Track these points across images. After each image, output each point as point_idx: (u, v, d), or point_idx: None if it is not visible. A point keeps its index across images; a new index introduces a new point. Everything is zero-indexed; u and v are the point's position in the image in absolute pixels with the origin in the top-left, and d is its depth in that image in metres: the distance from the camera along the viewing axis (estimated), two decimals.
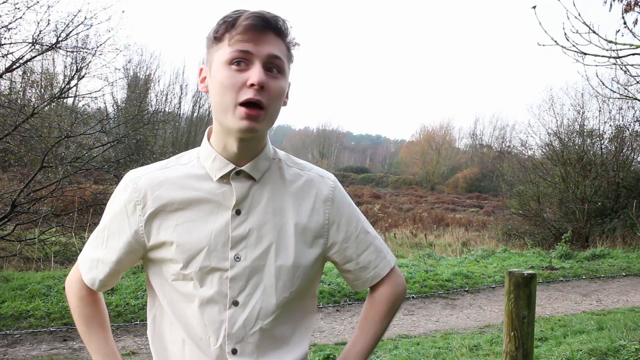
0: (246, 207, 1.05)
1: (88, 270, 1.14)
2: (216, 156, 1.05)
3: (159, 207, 1.05)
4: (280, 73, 1.01)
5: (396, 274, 1.21)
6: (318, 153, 53.04)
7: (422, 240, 14.10)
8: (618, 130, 13.93)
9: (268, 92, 0.98)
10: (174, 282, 1.06)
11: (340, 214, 1.13)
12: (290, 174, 1.12)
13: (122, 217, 1.08)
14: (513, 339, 1.89)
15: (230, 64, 0.98)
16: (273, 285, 1.05)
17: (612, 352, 3.94)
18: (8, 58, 8.04)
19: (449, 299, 6.72)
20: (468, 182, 38.67)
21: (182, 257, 1.04)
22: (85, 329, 1.15)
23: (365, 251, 1.16)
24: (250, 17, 0.97)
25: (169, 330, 1.10)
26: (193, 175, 1.07)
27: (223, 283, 1.04)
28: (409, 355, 4.32)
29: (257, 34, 0.98)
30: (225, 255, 1.04)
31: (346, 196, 1.17)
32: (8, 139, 7.86)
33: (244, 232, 1.05)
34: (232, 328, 1.04)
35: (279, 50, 1.00)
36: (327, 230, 1.12)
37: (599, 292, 7.26)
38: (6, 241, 8.27)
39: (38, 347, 4.50)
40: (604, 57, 4.21)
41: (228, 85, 0.97)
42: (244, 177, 1.06)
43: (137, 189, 1.07)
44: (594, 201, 12.90)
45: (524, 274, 1.88)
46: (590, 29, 4.00)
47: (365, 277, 1.17)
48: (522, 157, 16.57)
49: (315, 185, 1.12)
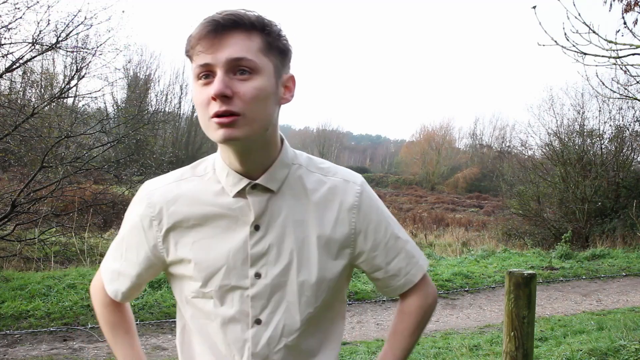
0: (265, 221, 1.01)
1: (110, 281, 1.13)
2: (229, 172, 1.00)
3: (175, 223, 1.02)
4: (252, 73, 0.92)
5: (427, 282, 1.16)
6: (318, 153, 53.05)
7: (422, 240, 14.11)
8: (618, 130, 13.93)
9: (240, 98, 0.90)
10: (194, 299, 1.04)
11: (367, 221, 1.06)
12: (312, 181, 1.04)
13: (139, 231, 1.05)
14: (513, 339, 1.89)
15: (198, 79, 0.93)
16: (296, 302, 1.02)
17: (612, 352, 3.94)
18: (8, 58, 8.05)
19: (449, 299, 6.72)
20: (468, 182, 38.70)
21: (201, 275, 1.01)
22: (111, 335, 1.15)
23: (395, 258, 1.10)
24: (203, 26, 0.91)
25: (197, 342, 1.08)
26: (209, 189, 1.03)
27: (244, 301, 1.01)
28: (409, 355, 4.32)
29: (215, 41, 0.91)
30: (245, 273, 1.00)
31: (375, 200, 1.10)
32: (8, 139, 7.86)
33: (264, 249, 1.00)
34: (255, 347, 1.01)
35: (244, 49, 0.91)
36: (353, 239, 1.06)
37: (599, 292, 7.26)
38: (6, 241, 8.26)
39: (38, 347, 4.50)
40: (604, 57, 4.21)
41: (199, 103, 0.93)
42: (260, 190, 1.00)
43: (151, 203, 1.04)
44: (594, 201, 12.90)
45: (524, 274, 1.88)
46: (590, 29, 4.00)
47: (395, 285, 1.12)
48: (522, 157, 16.58)
49: (339, 193, 1.05)
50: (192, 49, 0.93)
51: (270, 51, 0.95)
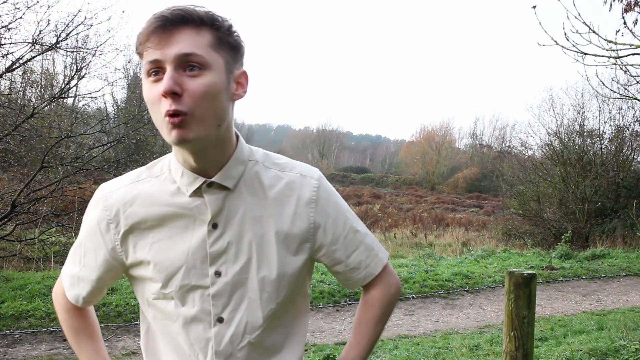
0: (223, 219, 1.00)
1: (70, 286, 1.12)
2: (184, 171, 0.99)
3: (133, 225, 1.02)
4: (202, 69, 0.90)
5: (389, 273, 1.16)
6: (318, 153, 53.08)
7: (422, 240, 14.11)
8: (618, 130, 13.93)
9: (189, 95, 0.88)
10: (155, 300, 1.03)
11: (325, 215, 1.06)
12: (269, 177, 1.04)
13: (96, 235, 1.05)
14: (513, 339, 1.89)
15: (148, 76, 0.91)
16: (258, 298, 1.02)
17: (612, 352, 3.93)
18: (8, 58, 8.04)
19: (449, 299, 6.72)
20: (468, 182, 38.69)
21: (161, 276, 1.01)
22: (75, 341, 1.14)
23: (355, 251, 1.10)
24: (151, 21, 0.90)
25: (161, 343, 1.08)
26: (165, 189, 1.02)
27: (205, 300, 1.00)
28: (409, 355, 4.32)
29: (162, 35, 0.89)
30: (205, 272, 1.00)
31: (332, 194, 1.09)
32: (8, 139, 7.86)
33: (223, 247, 1.00)
34: (219, 345, 1.01)
35: (193, 45, 0.89)
36: (312, 234, 1.06)
37: (599, 292, 7.26)
38: (6, 241, 8.26)
39: (38, 347, 4.50)
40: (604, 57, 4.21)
41: (149, 99, 0.91)
42: (216, 188, 0.99)
43: (108, 206, 1.03)
44: (594, 201, 12.90)
45: (524, 274, 1.88)
46: (590, 29, 4.00)
47: (356, 278, 1.12)
48: (522, 157, 16.57)
49: (296, 188, 1.05)
50: (141, 45, 0.91)
51: (221, 46, 0.93)
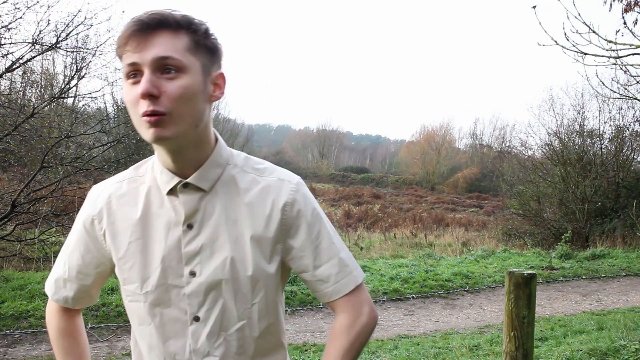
0: (198, 220, 1.02)
1: (56, 291, 1.13)
2: (162, 170, 1.02)
3: (114, 222, 1.04)
4: (179, 72, 0.92)
5: (362, 298, 1.09)
6: (318, 153, 53.08)
7: (422, 240, 14.10)
8: (618, 130, 13.92)
9: (166, 97, 0.91)
10: (133, 299, 1.05)
11: (299, 218, 1.05)
12: (246, 181, 1.05)
13: (82, 233, 1.08)
14: (513, 339, 1.89)
15: (127, 79, 0.94)
16: (232, 298, 1.02)
17: (612, 352, 3.93)
18: (8, 58, 8.02)
19: (449, 299, 6.72)
20: (468, 182, 38.68)
21: (137, 276, 1.03)
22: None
23: (326, 263, 1.06)
24: (129, 25, 0.93)
25: (141, 342, 1.10)
26: (147, 188, 1.05)
27: (181, 300, 1.02)
28: (409, 355, 4.32)
29: (141, 40, 0.92)
30: (180, 272, 1.01)
31: (310, 201, 1.08)
32: (8, 139, 7.85)
33: (197, 248, 1.01)
34: (196, 344, 1.03)
35: (169, 48, 0.92)
36: (284, 235, 1.05)
37: (599, 292, 7.26)
38: (6, 241, 8.26)
39: (38, 347, 4.50)
40: (604, 57, 4.21)
41: (128, 101, 0.94)
42: (192, 189, 1.01)
43: (94, 204, 1.07)
44: (594, 201, 12.90)
45: (524, 274, 1.88)
46: (590, 29, 4.00)
47: (324, 291, 1.08)
48: (522, 157, 16.56)
49: (272, 192, 1.05)
50: (120, 49, 0.94)
51: (198, 50, 0.96)
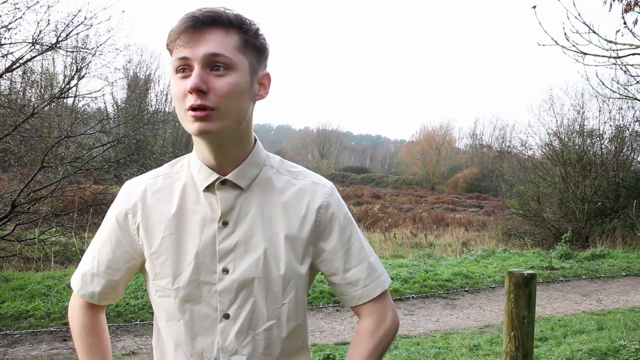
0: (233, 218, 1.03)
1: (82, 286, 1.12)
2: (201, 166, 1.03)
3: (148, 217, 1.05)
4: (228, 69, 0.95)
5: (387, 304, 1.13)
6: (318, 153, 53.05)
7: (422, 240, 14.09)
8: (618, 130, 13.92)
9: (215, 93, 0.93)
10: (163, 295, 1.05)
11: (332, 222, 1.08)
12: (282, 182, 1.07)
13: (114, 227, 1.08)
14: (513, 339, 1.89)
15: (176, 73, 0.96)
16: (263, 297, 1.03)
17: (612, 352, 3.93)
18: (8, 58, 8.04)
19: (449, 299, 6.71)
20: (468, 182, 38.67)
21: (170, 271, 1.03)
22: (85, 359, 1.12)
23: (356, 267, 1.09)
24: (183, 20, 0.95)
25: (168, 339, 1.08)
26: (183, 185, 1.06)
27: (212, 297, 1.02)
28: (409, 355, 4.32)
29: (194, 36, 0.94)
30: (213, 269, 1.02)
31: (343, 206, 1.12)
32: (8, 139, 7.85)
33: (232, 245, 1.02)
34: (224, 341, 1.03)
35: (221, 46, 0.94)
36: (316, 237, 1.07)
37: (599, 292, 7.26)
38: (6, 241, 8.26)
39: (38, 347, 4.50)
40: (604, 57, 4.21)
41: (176, 94, 0.96)
42: (229, 186, 1.03)
43: (128, 198, 1.07)
44: (594, 201, 12.90)
45: (524, 274, 1.88)
46: (590, 29, 4.00)
47: (352, 294, 1.10)
48: (522, 157, 16.55)
49: (307, 194, 1.08)
50: (172, 43, 0.96)
51: (247, 49, 0.98)
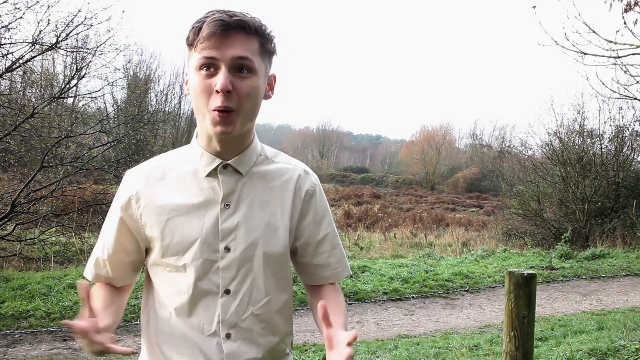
0: (234, 200, 1.12)
1: (96, 275, 1.19)
2: (203, 153, 1.12)
3: (151, 201, 1.12)
4: (250, 72, 1.04)
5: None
6: (318, 153, 53.04)
7: (422, 240, 14.09)
8: (618, 130, 13.90)
9: (237, 93, 1.02)
10: (169, 273, 1.12)
11: (314, 210, 1.20)
12: (275, 168, 1.18)
13: (118, 213, 1.14)
14: (513, 339, 1.89)
15: (200, 70, 1.03)
16: (262, 273, 1.13)
17: (612, 352, 3.93)
18: (8, 58, 8.02)
19: (449, 299, 6.71)
20: (468, 182, 38.67)
21: (175, 250, 1.10)
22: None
23: (329, 252, 1.22)
24: (212, 22, 1.01)
25: (167, 316, 1.13)
26: (184, 171, 1.14)
27: (215, 273, 1.10)
28: (409, 355, 4.31)
29: (221, 38, 1.01)
30: (216, 247, 1.10)
31: (324, 198, 1.25)
32: (8, 139, 7.85)
33: (233, 225, 1.11)
34: (225, 315, 1.11)
35: (246, 50, 1.03)
36: (301, 219, 1.19)
37: (599, 292, 7.26)
38: (6, 241, 8.25)
39: (38, 347, 4.50)
40: (604, 57, 4.22)
41: (199, 90, 1.03)
42: (231, 171, 1.12)
43: (130, 184, 1.14)
44: (594, 201, 12.89)
45: (524, 274, 1.88)
46: (590, 29, 4.01)
47: (320, 275, 1.24)
48: (522, 157, 16.54)
49: (298, 180, 1.19)
50: (198, 42, 1.03)
51: (264, 54, 1.08)
